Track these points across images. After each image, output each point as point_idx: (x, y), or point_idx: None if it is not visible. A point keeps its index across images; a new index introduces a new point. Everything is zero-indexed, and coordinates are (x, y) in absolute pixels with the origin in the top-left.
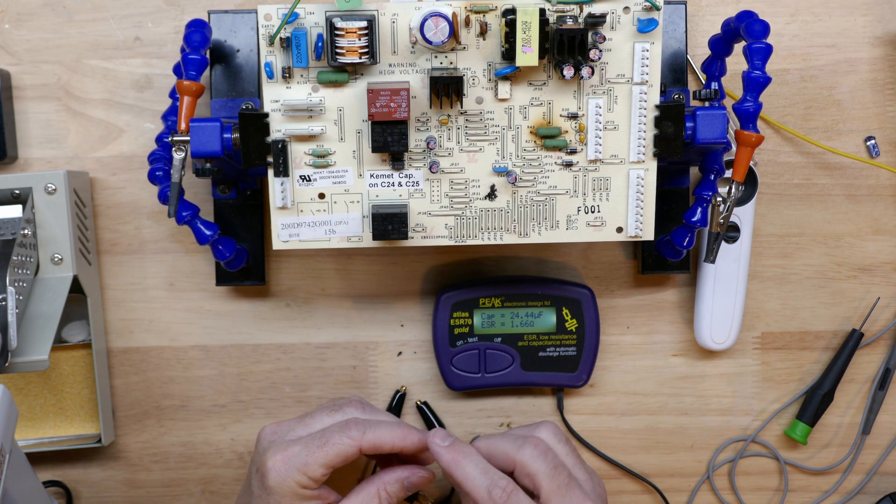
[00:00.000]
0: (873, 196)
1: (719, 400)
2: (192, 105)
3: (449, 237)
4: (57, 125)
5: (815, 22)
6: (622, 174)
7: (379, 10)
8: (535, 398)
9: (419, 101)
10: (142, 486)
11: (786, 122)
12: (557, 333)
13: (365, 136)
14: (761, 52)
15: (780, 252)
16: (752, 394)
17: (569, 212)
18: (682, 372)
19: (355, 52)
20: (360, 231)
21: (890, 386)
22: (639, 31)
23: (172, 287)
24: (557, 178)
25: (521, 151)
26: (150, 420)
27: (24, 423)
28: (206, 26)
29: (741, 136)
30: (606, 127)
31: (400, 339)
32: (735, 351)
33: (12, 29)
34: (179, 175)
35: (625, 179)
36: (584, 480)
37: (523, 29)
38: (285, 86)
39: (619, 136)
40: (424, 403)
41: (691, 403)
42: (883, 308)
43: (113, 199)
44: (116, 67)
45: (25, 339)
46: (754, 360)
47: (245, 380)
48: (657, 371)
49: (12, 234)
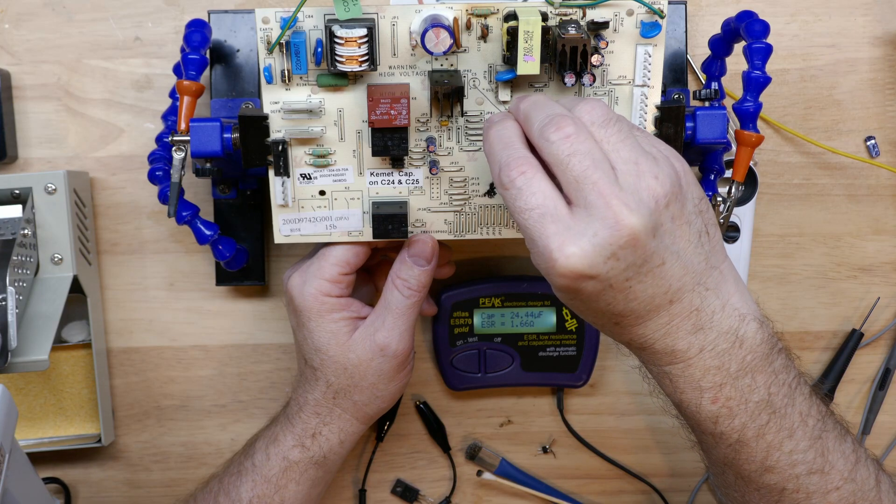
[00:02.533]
0: (873, 196)
1: None
2: (192, 105)
3: (448, 232)
4: (57, 125)
5: (815, 22)
6: None
7: (379, 14)
8: (535, 398)
9: (419, 101)
10: (142, 486)
11: (786, 122)
12: (557, 333)
13: (365, 137)
14: (761, 52)
15: (780, 252)
16: None
17: None
18: None
19: (355, 60)
20: (360, 226)
21: (890, 386)
22: (642, 36)
23: (172, 287)
24: None
25: None
26: (150, 420)
27: (24, 423)
28: (206, 26)
29: (741, 136)
30: None
31: None
32: None
33: (12, 29)
34: (179, 175)
35: None
36: (627, 172)
37: (525, 38)
38: (284, 88)
39: None
40: (424, 403)
41: None
42: (883, 308)
43: (113, 199)
44: (116, 67)
45: (25, 339)
46: None
47: (245, 380)
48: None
49: (12, 234)
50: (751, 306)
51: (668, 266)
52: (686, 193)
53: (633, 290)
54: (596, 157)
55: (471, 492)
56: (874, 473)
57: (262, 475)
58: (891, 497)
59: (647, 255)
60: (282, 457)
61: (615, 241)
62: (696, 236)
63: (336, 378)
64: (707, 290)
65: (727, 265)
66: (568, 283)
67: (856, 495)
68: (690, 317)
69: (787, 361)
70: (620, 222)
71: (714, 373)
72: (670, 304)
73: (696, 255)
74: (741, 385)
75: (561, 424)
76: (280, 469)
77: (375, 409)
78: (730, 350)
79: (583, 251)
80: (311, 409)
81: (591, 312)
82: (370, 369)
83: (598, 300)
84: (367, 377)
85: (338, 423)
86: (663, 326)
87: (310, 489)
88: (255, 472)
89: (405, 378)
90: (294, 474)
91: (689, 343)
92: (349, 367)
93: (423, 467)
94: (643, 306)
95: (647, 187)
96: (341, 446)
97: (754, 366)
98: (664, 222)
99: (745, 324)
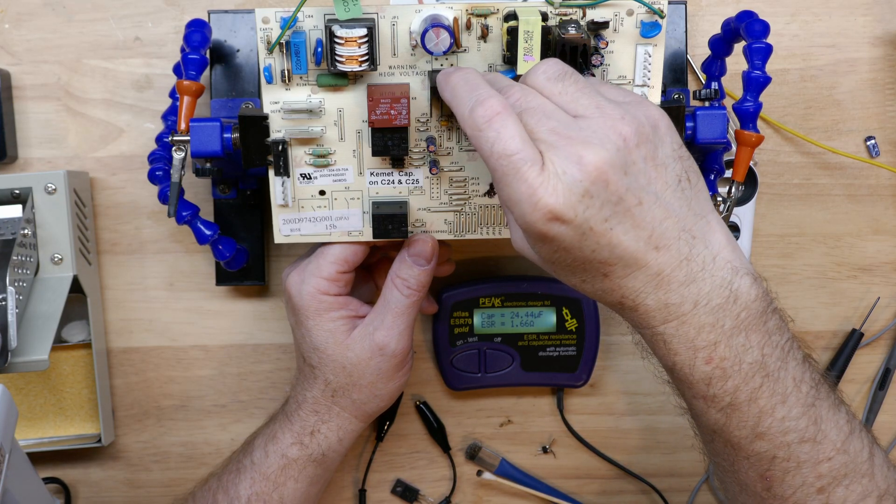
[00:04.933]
0: (873, 196)
1: None
2: (192, 105)
3: (448, 232)
4: (57, 125)
5: (815, 22)
6: None
7: (379, 14)
8: (535, 398)
9: (419, 101)
10: (142, 486)
11: (786, 122)
12: (557, 333)
13: (365, 137)
14: (761, 52)
15: (780, 252)
16: None
17: None
18: None
19: (355, 60)
20: (360, 226)
21: (890, 386)
22: (642, 36)
23: (172, 287)
24: None
25: None
26: (150, 420)
27: (24, 423)
28: (206, 26)
29: (741, 135)
30: None
31: None
32: None
33: (12, 29)
34: (179, 175)
35: None
36: (590, 117)
37: (525, 38)
38: (284, 88)
39: None
40: (424, 403)
41: None
42: (883, 308)
43: (113, 199)
44: (116, 67)
45: (25, 339)
46: None
47: (245, 380)
48: (657, 371)
49: (12, 234)
50: (743, 261)
51: (647, 207)
52: (662, 137)
53: (615, 233)
54: (547, 110)
55: (471, 492)
56: (868, 446)
57: (260, 473)
58: (884, 471)
59: (622, 192)
60: (280, 454)
61: (584, 176)
62: (675, 180)
63: (335, 377)
64: (694, 237)
65: (715, 217)
66: (547, 229)
67: (847, 467)
68: (681, 266)
69: (780, 323)
70: (585, 158)
71: (709, 330)
72: (656, 250)
73: (676, 199)
74: (735, 344)
75: (561, 424)
76: (278, 466)
77: (374, 407)
78: (724, 305)
79: (557, 191)
80: (310, 406)
81: (577, 264)
82: (369, 368)
83: (582, 246)
84: (366, 376)
85: (336, 420)
86: (654, 278)
87: (308, 487)
88: (253, 470)
89: (404, 377)
90: (293, 472)
91: (683, 296)
92: (348, 366)
93: (423, 467)
94: (628, 252)
95: (611, 126)
96: (340, 444)
97: (749, 324)
98: (636, 161)
99: (738, 277)
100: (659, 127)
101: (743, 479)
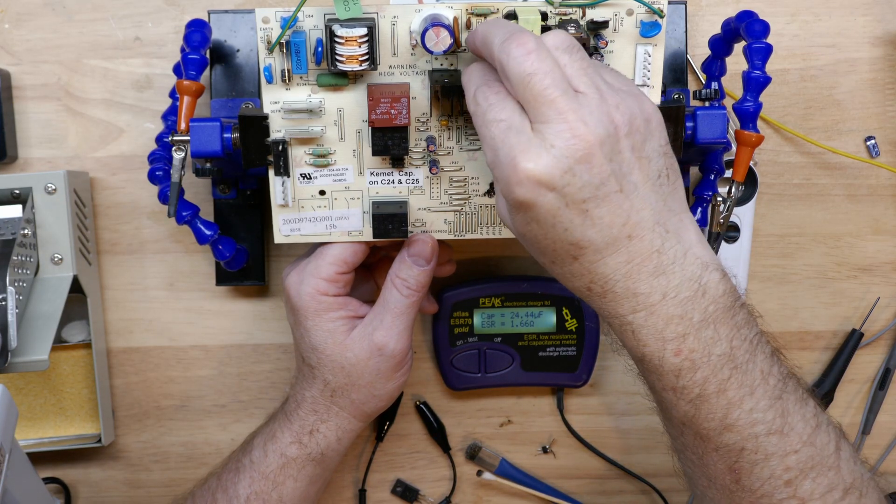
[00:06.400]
0: (873, 196)
1: None
2: (192, 105)
3: (448, 232)
4: (57, 125)
5: (815, 22)
6: None
7: (379, 13)
8: (535, 398)
9: (419, 101)
10: (142, 486)
11: (786, 122)
12: (557, 333)
13: (365, 136)
14: (761, 51)
15: (780, 252)
16: None
17: None
18: None
19: (355, 59)
20: (360, 226)
21: (890, 386)
22: (642, 35)
23: (172, 287)
24: None
25: None
26: (150, 420)
27: (24, 423)
28: (206, 26)
29: (741, 135)
30: None
31: None
32: None
33: (12, 29)
34: (179, 175)
35: None
36: (588, 95)
37: None
38: (285, 88)
39: None
40: (424, 403)
41: None
42: (883, 308)
43: (113, 199)
44: (116, 67)
45: (25, 339)
46: None
47: (245, 380)
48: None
49: (12, 234)
50: (713, 258)
51: (626, 195)
52: (652, 131)
53: (591, 215)
54: (556, 77)
55: (471, 492)
56: (834, 440)
57: (259, 472)
58: (850, 465)
59: (604, 176)
60: (279, 453)
61: (571, 153)
62: (656, 175)
63: (333, 376)
64: (667, 232)
65: (688, 216)
66: (526, 193)
67: (814, 460)
68: (651, 258)
69: (748, 318)
70: (576, 135)
71: (677, 322)
72: (629, 238)
73: (653, 192)
74: (704, 336)
75: (561, 424)
76: (278, 465)
77: (373, 407)
78: (693, 298)
79: (541, 160)
80: (309, 406)
81: (549, 242)
82: (368, 368)
83: (555, 222)
84: (365, 376)
85: (335, 420)
86: (624, 265)
87: (307, 486)
88: (252, 469)
89: (403, 377)
90: (292, 471)
91: (651, 287)
92: (346, 366)
93: (423, 467)
94: (601, 237)
95: (606, 112)
96: (339, 443)
97: (717, 317)
98: (622, 150)
99: (707, 272)
100: (651, 121)
101: (712, 472)
